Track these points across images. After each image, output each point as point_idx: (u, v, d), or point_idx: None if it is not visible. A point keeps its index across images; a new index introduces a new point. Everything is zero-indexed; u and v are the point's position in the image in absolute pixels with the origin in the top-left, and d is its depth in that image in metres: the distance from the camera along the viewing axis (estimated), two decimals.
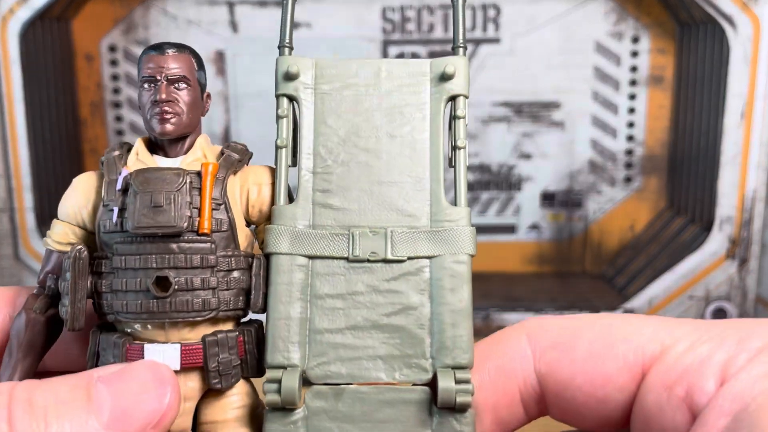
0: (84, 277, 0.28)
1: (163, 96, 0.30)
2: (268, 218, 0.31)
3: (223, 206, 0.30)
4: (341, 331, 0.28)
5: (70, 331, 0.28)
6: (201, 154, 0.31)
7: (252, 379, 0.29)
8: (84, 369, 0.28)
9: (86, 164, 0.86)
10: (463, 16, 0.31)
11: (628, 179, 0.88)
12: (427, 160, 0.29)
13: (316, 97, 0.32)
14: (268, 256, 0.29)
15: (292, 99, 0.33)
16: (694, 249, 0.74)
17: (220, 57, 0.84)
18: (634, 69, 0.85)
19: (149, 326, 0.29)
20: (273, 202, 0.31)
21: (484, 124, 0.86)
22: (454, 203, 0.29)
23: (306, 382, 0.27)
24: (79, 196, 0.30)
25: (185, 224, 0.28)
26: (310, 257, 0.28)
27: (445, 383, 0.26)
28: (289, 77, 0.33)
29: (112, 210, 0.29)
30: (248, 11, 0.83)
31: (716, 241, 0.73)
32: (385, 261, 0.28)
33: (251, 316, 0.30)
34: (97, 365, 0.29)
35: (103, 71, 0.85)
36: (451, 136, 0.30)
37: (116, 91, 0.85)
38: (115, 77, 0.85)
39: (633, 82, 0.85)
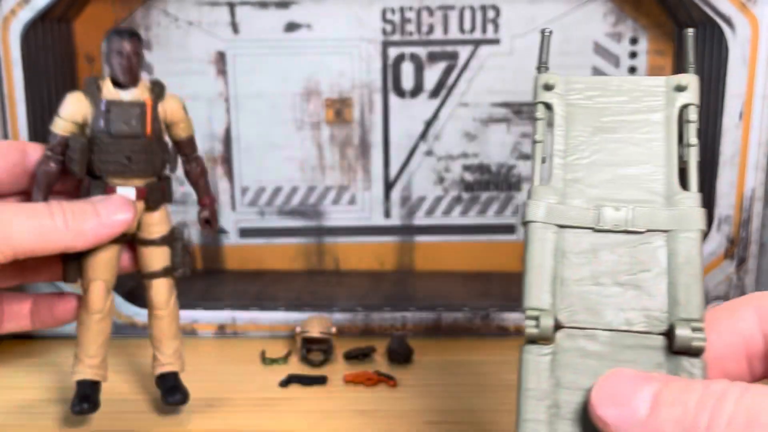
0: (84, 152, 0.53)
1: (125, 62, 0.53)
2: (175, 123, 0.56)
3: (155, 121, 0.54)
4: (587, 285, 0.34)
5: (78, 177, 0.53)
6: (141, 89, 0.54)
7: None
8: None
9: None
10: (694, 44, 0.39)
11: None
12: (662, 156, 0.37)
13: (567, 105, 0.39)
14: (526, 224, 0.36)
15: (547, 106, 0.40)
16: None
17: (221, 58, 0.85)
18: (632, 70, 0.85)
19: (120, 178, 0.54)
20: (180, 116, 0.56)
21: (483, 125, 0.87)
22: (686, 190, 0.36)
23: (556, 325, 0.33)
24: (75, 106, 0.54)
25: (140, 131, 0.53)
26: (561, 227, 0.35)
27: (683, 331, 0.32)
28: (547, 88, 0.41)
29: (100, 120, 0.53)
30: (249, 12, 0.84)
31: (714, 241, 0.74)
32: (627, 232, 0.35)
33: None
34: (88, 196, 0.53)
35: (104, 72, 0.85)
36: (685, 135, 0.37)
37: None
38: None
39: None
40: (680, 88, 0.37)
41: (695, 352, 0.32)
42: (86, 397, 0.55)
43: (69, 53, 0.83)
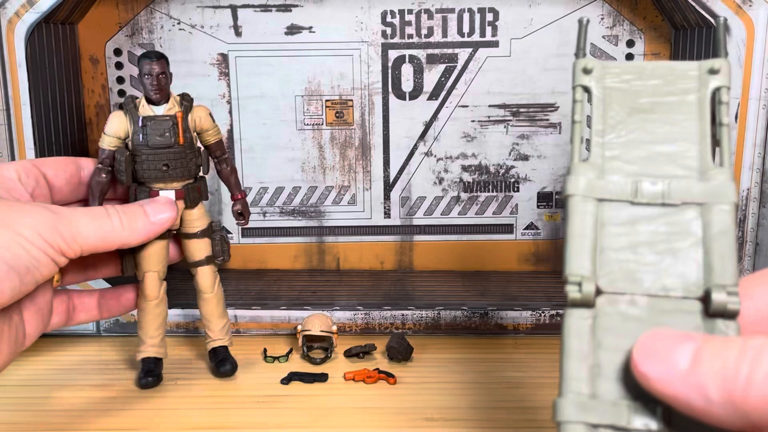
0: (129, 163, 0.61)
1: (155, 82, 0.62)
2: (204, 130, 0.65)
3: (186, 131, 0.63)
4: (625, 254, 0.35)
5: (124, 186, 0.63)
6: (171, 104, 0.63)
7: None
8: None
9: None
10: (725, 32, 0.41)
11: None
12: (696, 134, 0.38)
13: (604, 88, 0.39)
14: (566, 198, 0.37)
15: (586, 89, 0.40)
16: None
17: (223, 60, 0.86)
18: None
19: (161, 183, 0.63)
20: (208, 124, 0.65)
21: (482, 126, 0.88)
22: (721, 165, 0.37)
23: (596, 290, 0.35)
24: (117, 124, 0.62)
25: (173, 142, 0.62)
26: (600, 200, 0.36)
27: (719, 295, 0.33)
28: (586, 71, 0.40)
29: (139, 134, 0.62)
30: (251, 15, 0.85)
31: None
32: (663, 205, 0.36)
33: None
34: (136, 200, 0.62)
35: (108, 74, 0.86)
36: (718, 115, 0.38)
37: (121, 93, 0.87)
38: (120, 80, 0.86)
39: None
40: (713, 71, 0.38)
41: (731, 315, 0.33)
42: (150, 372, 0.65)
43: (73, 55, 0.84)
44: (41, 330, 0.55)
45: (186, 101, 0.63)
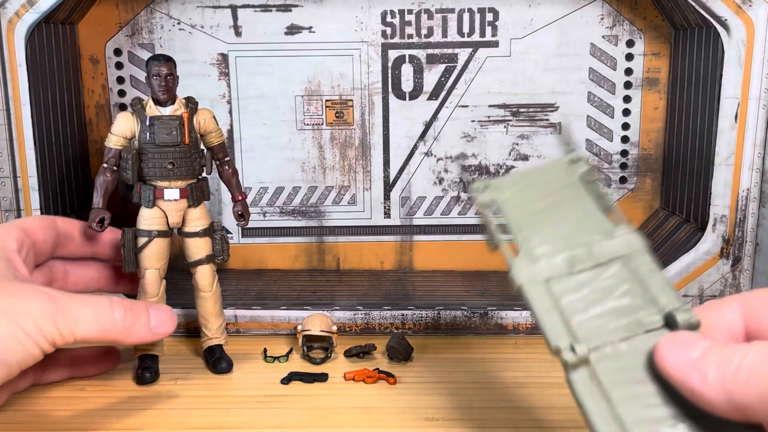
0: (135, 161, 0.63)
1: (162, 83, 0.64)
2: (208, 132, 0.67)
3: (192, 131, 0.65)
4: (586, 314, 0.41)
5: (129, 183, 0.64)
6: (178, 105, 0.65)
7: None
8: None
9: (92, 165, 0.87)
10: (568, 136, 0.52)
11: (623, 180, 0.89)
12: (588, 209, 0.45)
13: (507, 202, 0.47)
14: (520, 288, 0.42)
15: (492, 211, 0.47)
16: (689, 248, 0.75)
17: (223, 60, 0.86)
18: (629, 72, 0.86)
19: (165, 181, 0.65)
20: (212, 126, 0.67)
21: (482, 126, 0.88)
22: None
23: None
24: (124, 124, 0.64)
25: (179, 140, 0.64)
26: (546, 281, 0.42)
27: (682, 315, 0.39)
28: (487, 202, 0.48)
29: (146, 133, 0.63)
30: (251, 15, 0.85)
31: (710, 241, 0.74)
32: (594, 267, 0.42)
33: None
34: (141, 199, 0.65)
35: (108, 74, 0.86)
36: (595, 190, 0.46)
37: (121, 93, 0.87)
38: (120, 80, 0.86)
39: (628, 85, 0.86)
40: (573, 161, 0.47)
41: (695, 326, 0.39)
42: (148, 368, 0.65)
43: (73, 55, 0.84)
44: (7, 395, 0.57)
45: (191, 103, 0.66)
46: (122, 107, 0.87)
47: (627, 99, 0.87)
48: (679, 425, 0.36)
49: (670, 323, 0.39)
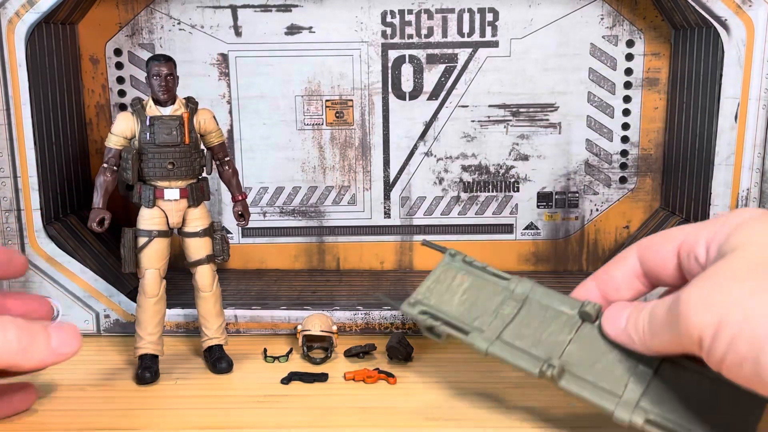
0: (135, 161, 0.63)
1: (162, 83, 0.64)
2: (209, 132, 0.67)
3: (192, 131, 0.65)
4: (541, 342, 0.53)
5: (129, 183, 0.64)
6: (178, 105, 0.65)
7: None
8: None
9: (92, 165, 0.87)
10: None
11: (623, 180, 0.89)
12: (489, 277, 0.58)
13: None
14: (486, 353, 0.54)
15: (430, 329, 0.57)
16: None
17: (223, 60, 0.86)
18: (629, 72, 0.86)
19: (165, 181, 0.64)
20: (212, 126, 0.67)
21: (482, 126, 0.88)
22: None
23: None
24: (124, 124, 0.64)
25: (179, 140, 0.64)
26: (498, 337, 0.54)
27: (588, 308, 0.53)
28: (412, 305, 0.58)
29: (146, 133, 0.63)
30: (251, 16, 0.85)
31: None
32: (517, 312, 0.55)
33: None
34: (141, 199, 0.65)
35: (108, 74, 0.86)
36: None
37: (121, 93, 0.87)
38: (120, 80, 0.86)
39: (628, 85, 0.86)
40: (452, 255, 0.60)
41: (600, 311, 0.53)
42: (148, 368, 0.65)
43: (73, 55, 0.84)
44: None
45: (192, 104, 0.66)
46: (122, 107, 0.87)
47: (627, 99, 0.87)
48: (639, 366, 0.50)
49: (584, 317, 0.53)
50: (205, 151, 0.67)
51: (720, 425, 0.47)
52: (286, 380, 0.65)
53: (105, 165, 0.64)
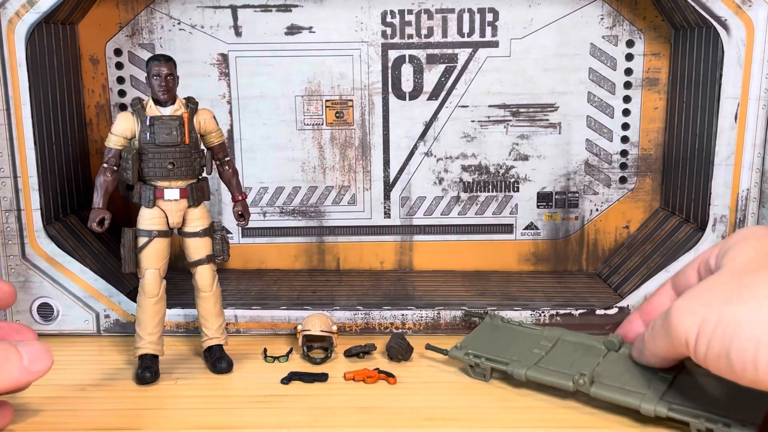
0: (135, 161, 0.63)
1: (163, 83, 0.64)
2: (209, 132, 0.67)
3: (192, 131, 0.65)
4: (571, 366, 0.63)
5: (130, 183, 0.64)
6: (178, 105, 0.65)
7: None
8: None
9: (93, 165, 0.87)
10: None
11: (623, 180, 0.89)
12: (525, 330, 0.72)
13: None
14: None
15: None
16: (689, 248, 0.75)
17: (223, 60, 0.86)
18: (629, 72, 0.86)
19: (165, 181, 0.64)
20: (212, 126, 0.67)
21: (482, 126, 0.88)
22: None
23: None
24: (124, 124, 0.64)
25: (179, 140, 0.64)
26: (535, 364, 0.64)
27: (611, 339, 0.65)
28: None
29: (146, 133, 0.63)
30: (251, 16, 0.85)
31: (710, 241, 0.74)
32: (550, 348, 0.67)
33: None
34: (141, 199, 0.65)
35: (108, 74, 0.86)
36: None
37: (122, 93, 0.87)
38: (120, 80, 0.86)
39: (628, 85, 0.86)
40: (492, 317, 0.73)
41: (622, 341, 0.64)
42: (148, 368, 0.65)
43: (73, 55, 0.84)
44: None
45: (192, 104, 0.66)
46: (122, 107, 0.87)
47: (627, 99, 0.87)
48: (659, 373, 0.59)
49: (609, 346, 0.64)
50: (205, 151, 0.67)
51: (733, 412, 0.53)
52: (286, 380, 0.65)
53: (105, 165, 0.64)
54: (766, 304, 0.46)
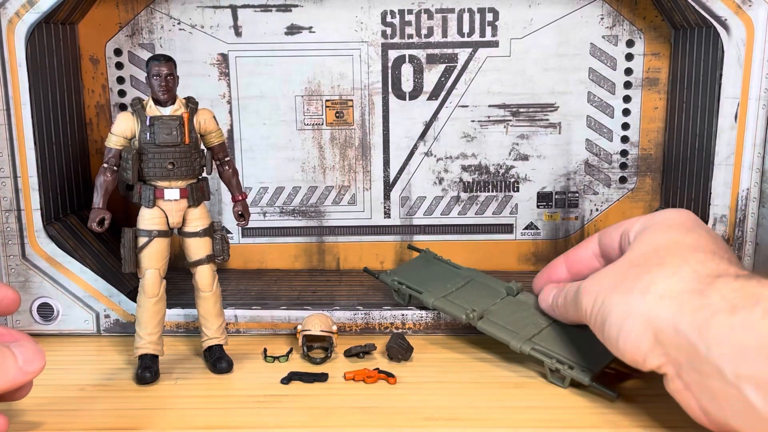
0: (135, 161, 0.63)
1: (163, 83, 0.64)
2: (209, 132, 0.67)
3: (192, 131, 0.65)
4: (472, 301, 0.73)
5: (130, 183, 0.64)
6: (178, 105, 0.65)
7: None
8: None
9: (92, 165, 0.87)
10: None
11: (623, 179, 0.89)
12: (448, 266, 0.82)
13: None
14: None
15: None
16: None
17: (223, 60, 0.86)
18: (629, 72, 0.86)
19: (165, 181, 0.65)
20: (212, 126, 0.67)
21: (482, 126, 0.88)
22: None
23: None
24: (124, 124, 0.64)
25: (179, 140, 0.64)
26: (444, 296, 0.74)
27: (511, 286, 0.74)
28: None
29: (146, 133, 0.64)
30: (251, 16, 0.85)
31: None
32: (463, 285, 0.77)
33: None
34: (141, 199, 0.65)
35: (108, 74, 0.86)
36: None
37: (122, 93, 0.87)
38: (120, 80, 0.86)
39: (628, 85, 0.87)
40: (426, 252, 0.83)
41: (519, 289, 0.74)
42: (148, 368, 0.65)
43: (73, 55, 0.84)
44: None
45: (192, 104, 0.66)
46: (122, 107, 0.87)
47: (627, 99, 0.87)
48: (538, 319, 0.70)
49: (509, 291, 0.73)
50: (205, 151, 0.67)
51: (580, 359, 0.63)
52: (286, 380, 0.65)
53: (105, 165, 0.65)
54: (631, 298, 0.54)
